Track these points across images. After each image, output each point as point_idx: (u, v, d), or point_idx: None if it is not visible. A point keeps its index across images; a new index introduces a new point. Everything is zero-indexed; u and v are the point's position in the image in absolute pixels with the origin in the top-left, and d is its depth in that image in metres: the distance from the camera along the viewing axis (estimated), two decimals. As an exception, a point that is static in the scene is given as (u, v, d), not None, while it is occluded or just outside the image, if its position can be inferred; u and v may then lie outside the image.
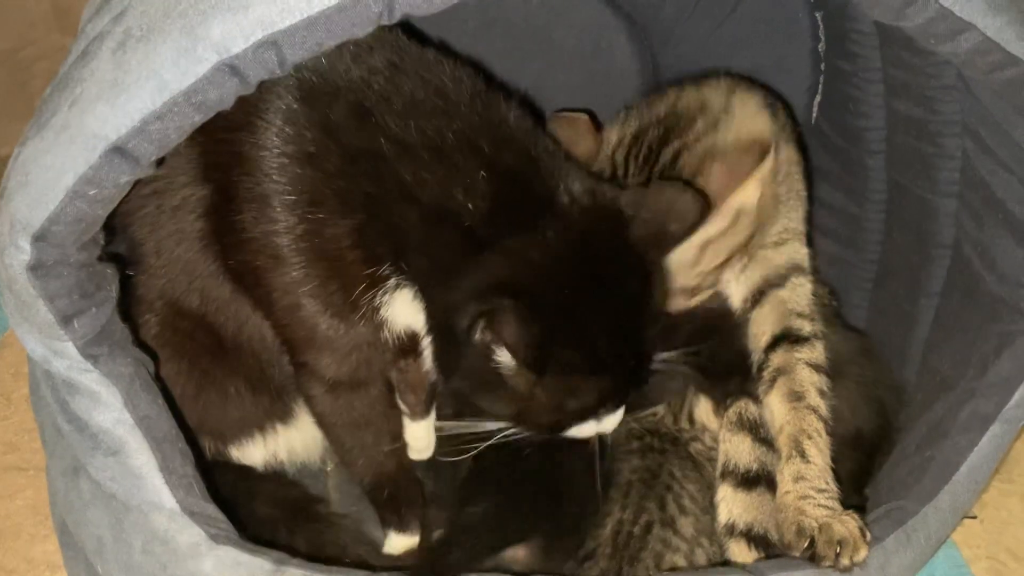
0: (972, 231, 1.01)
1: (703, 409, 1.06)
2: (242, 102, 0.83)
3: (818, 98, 1.27)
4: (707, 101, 1.04)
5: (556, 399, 0.89)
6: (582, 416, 0.92)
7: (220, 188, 0.90)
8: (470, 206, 0.86)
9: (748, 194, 0.99)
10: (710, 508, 0.99)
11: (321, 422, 1.03)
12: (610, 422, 0.94)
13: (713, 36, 1.28)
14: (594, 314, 0.87)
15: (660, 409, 1.09)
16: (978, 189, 0.98)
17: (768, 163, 0.98)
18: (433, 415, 1.10)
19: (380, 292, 0.90)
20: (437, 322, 0.90)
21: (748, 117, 1.04)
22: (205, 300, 0.98)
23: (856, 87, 1.15)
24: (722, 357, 1.05)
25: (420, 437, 1.07)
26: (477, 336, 0.85)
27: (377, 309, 0.91)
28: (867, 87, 1.13)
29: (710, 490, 1.00)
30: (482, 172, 0.87)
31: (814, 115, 1.29)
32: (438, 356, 0.93)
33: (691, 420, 1.07)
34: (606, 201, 0.91)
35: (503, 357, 0.86)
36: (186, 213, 0.93)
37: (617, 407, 0.94)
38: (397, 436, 1.05)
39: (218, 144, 0.88)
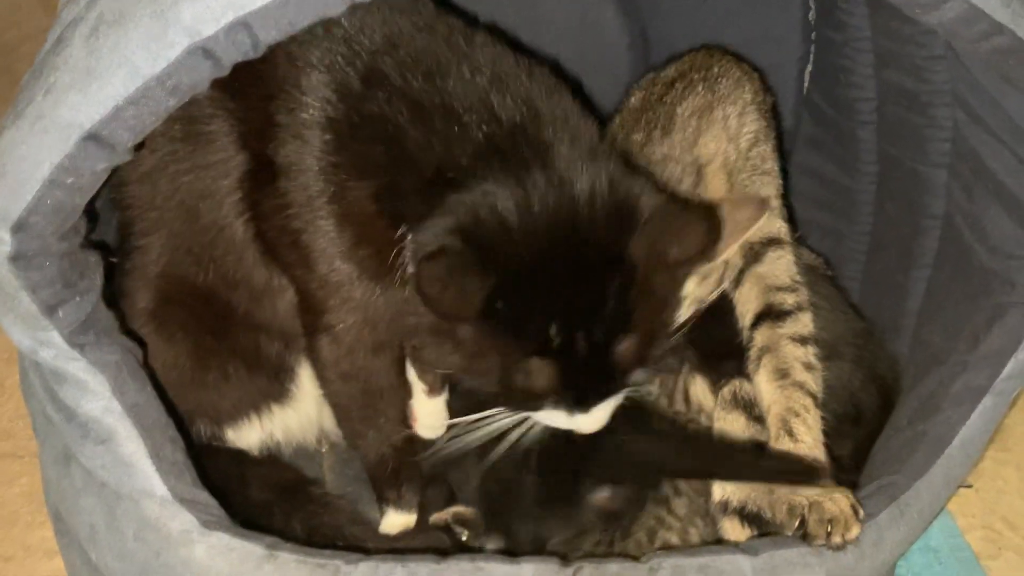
0: (963, 202, 1.00)
1: (699, 388, 1.06)
2: (275, 72, 0.87)
3: (809, 68, 1.27)
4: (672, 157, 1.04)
5: (500, 361, 0.86)
6: (530, 398, 0.88)
7: (256, 155, 0.92)
8: (463, 162, 0.86)
9: (731, 252, 0.99)
10: (704, 491, 0.99)
11: (333, 391, 1.03)
12: (583, 422, 0.90)
13: (703, 7, 1.27)
14: (556, 296, 0.84)
15: (654, 389, 1.09)
16: (969, 160, 0.97)
17: (760, 222, 0.96)
18: (446, 394, 1.09)
19: (406, 255, 0.90)
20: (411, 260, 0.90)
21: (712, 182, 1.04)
22: (220, 273, 0.99)
23: (847, 57, 1.14)
24: (718, 337, 1.04)
25: (432, 414, 1.07)
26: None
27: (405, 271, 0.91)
28: (857, 57, 1.12)
29: None
30: (489, 136, 0.86)
31: (805, 85, 1.29)
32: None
33: (687, 401, 1.07)
34: (622, 193, 0.87)
35: None
36: (218, 182, 0.94)
37: (574, 406, 0.89)
38: (405, 411, 1.05)
39: (254, 113, 0.90)
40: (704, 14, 1.27)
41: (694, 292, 1.00)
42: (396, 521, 1.09)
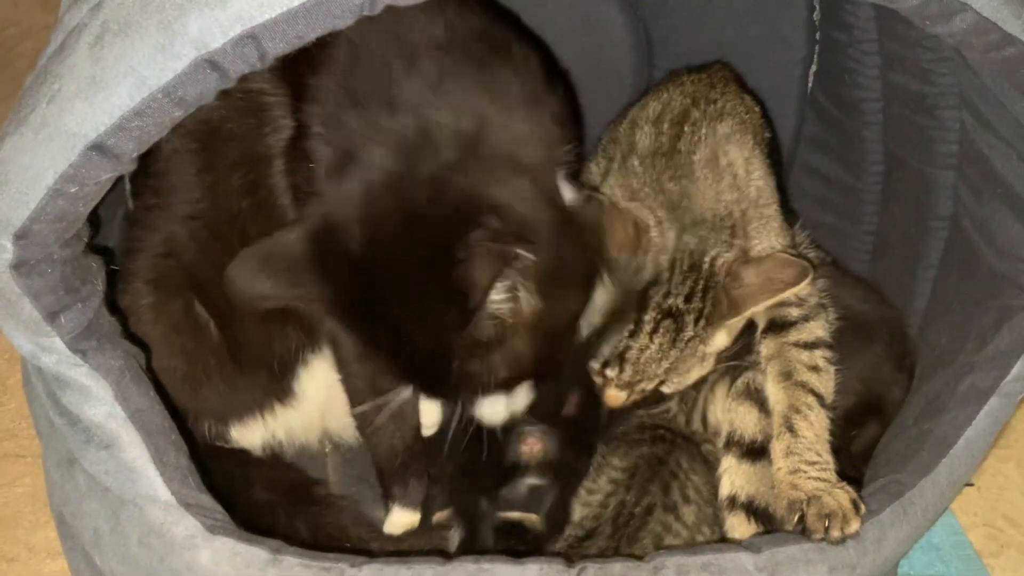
0: (971, 205, 1.00)
1: (719, 409, 1.06)
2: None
3: (814, 68, 1.26)
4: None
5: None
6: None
7: (298, 124, 0.94)
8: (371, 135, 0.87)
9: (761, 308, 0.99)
10: (714, 501, 1.00)
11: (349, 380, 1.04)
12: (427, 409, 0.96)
13: (706, 6, 1.27)
14: (395, 308, 0.86)
15: (672, 406, 1.09)
16: (976, 162, 0.97)
17: (802, 285, 0.96)
18: None
19: None
20: None
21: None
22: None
23: (852, 58, 1.14)
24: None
25: (429, 413, 1.08)
26: None
27: None
28: (863, 59, 1.12)
29: (716, 487, 1.00)
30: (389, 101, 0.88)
31: (810, 85, 1.28)
32: None
33: (704, 422, 1.07)
34: (477, 200, 0.85)
35: None
36: (271, 150, 0.95)
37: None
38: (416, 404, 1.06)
39: (301, 81, 0.92)
40: (707, 14, 1.27)
41: (724, 343, 1.01)
42: (401, 520, 1.09)
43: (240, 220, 0.99)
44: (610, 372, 0.99)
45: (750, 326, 1.03)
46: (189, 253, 1.01)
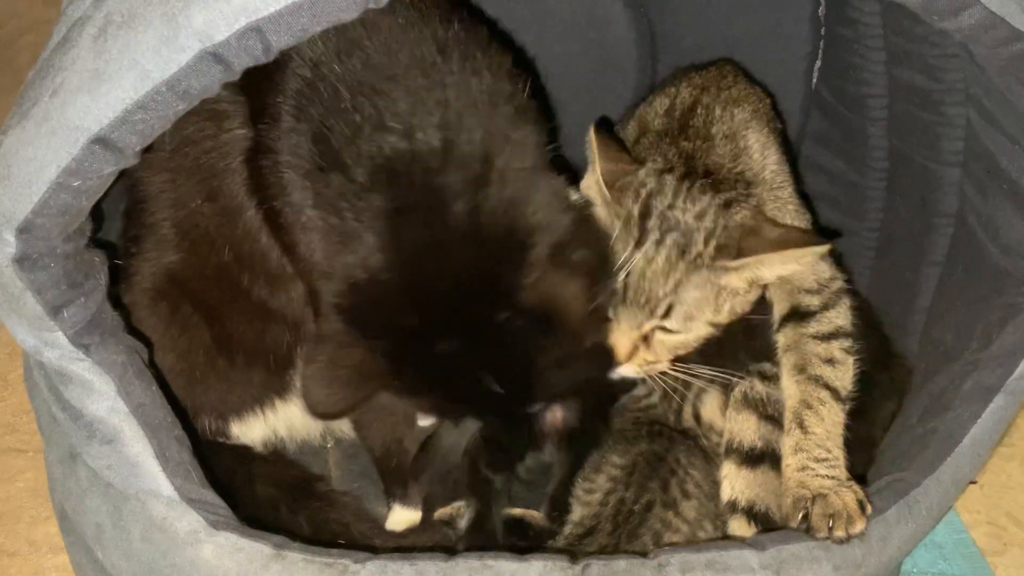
0: (976, 201, 1.00)
1: (710, 408, 1.06)
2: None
3: (818, 63, 1.26)
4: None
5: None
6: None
7: (257, 135, 0.92)
8: (359, 178, 0.85)
9: (773, 270, 0.97)
10: (715, 496, 0.99)
11: None
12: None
13: (711, 2, 1.26)
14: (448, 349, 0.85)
15: (655, 399, 1.09)
16: (982, 159, 0.97)
17: (816, 250, 0.95)
18: None
19: None
20: None
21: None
22: (237, 255, 0.98)
23: (857, 54, 1.13)
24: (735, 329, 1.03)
25: None
26: None
27: None
28: (868, 54, 1.12)
29: (717, 481, 1.00)
30: (379, 151, 0.84)
31: (814, 81, 1.28)
32: None
33: (698, 420, 1.07)
34: (514, 225, 0.85)
35: None
36: (232, 159, 0.94)
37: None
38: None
39: (259, 94, 0.90)
40: (711, 9, 1.26)
41: (745, 297, 0.99)
42: (401, 518, 1.09)
43: (203, 224, 0.98)
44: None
45: (762, 325, 1.03)
46: (168, 253, 1.01)
